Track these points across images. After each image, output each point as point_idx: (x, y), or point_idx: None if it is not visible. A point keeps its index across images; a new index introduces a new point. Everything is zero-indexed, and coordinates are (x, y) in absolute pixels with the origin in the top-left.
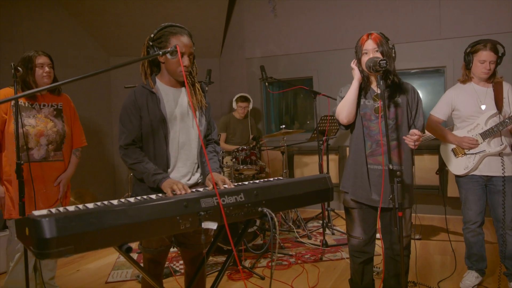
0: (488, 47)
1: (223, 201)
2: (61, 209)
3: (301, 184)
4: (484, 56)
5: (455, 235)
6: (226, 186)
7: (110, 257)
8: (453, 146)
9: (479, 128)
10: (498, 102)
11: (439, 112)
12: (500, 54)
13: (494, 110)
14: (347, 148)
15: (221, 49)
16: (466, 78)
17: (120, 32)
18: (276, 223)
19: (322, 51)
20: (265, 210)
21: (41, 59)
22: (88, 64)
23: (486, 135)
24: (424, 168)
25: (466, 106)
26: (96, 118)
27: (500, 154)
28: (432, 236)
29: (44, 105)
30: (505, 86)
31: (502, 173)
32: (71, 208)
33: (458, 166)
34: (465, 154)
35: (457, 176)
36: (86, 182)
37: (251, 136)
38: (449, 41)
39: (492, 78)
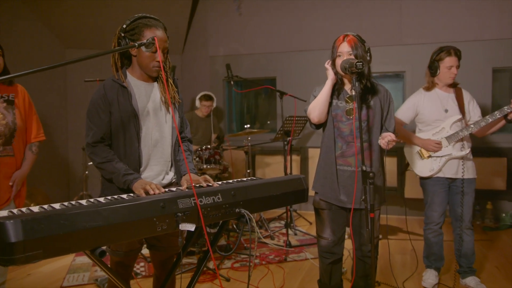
0: (453, 53)
1: (201, 201)
2: (24, 209)
3: (277, 185)
4: (451, 62)
5: (412, 235)
6: (210, 185)
7: (63, 260)
8: (419, 148)
9: (444, 132)
10: (461, 107)
11: (402, 116)
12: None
13: (459, 115)
14: (309, 149)
15: (184, 46)
16: (431, 85)
17: (77, 23)
18: (255, 225)
19: (286, 51)
20: (242, 211)
21: None
22: (42, 55)
23: (451, 138)
24: None
25: (431, 110)
26: (50, 112)
27: (462, 157)
28: (390, 235)
29: None
30: (465, 94)
31: (462, 175)
32: (35, 208)
33: (423, 168)
34: (430, 156)
35: (422, 178)
36: (37, 180)
37: (213, 135)
38: (409, 47)
39: (454, 84)
